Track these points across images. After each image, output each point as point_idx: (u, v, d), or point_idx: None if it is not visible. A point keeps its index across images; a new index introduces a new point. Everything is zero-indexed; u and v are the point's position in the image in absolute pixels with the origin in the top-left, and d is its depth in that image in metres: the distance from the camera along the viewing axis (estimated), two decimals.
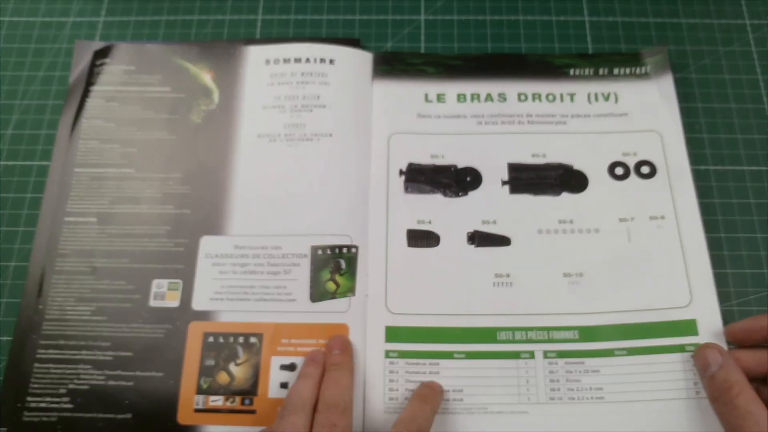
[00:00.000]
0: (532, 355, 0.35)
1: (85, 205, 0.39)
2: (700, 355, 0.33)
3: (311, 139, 0.41)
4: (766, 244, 0.39)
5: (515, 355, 0.35)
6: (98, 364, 0.35)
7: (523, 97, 0.42)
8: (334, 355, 0.34)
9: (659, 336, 0.35)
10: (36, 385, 0.35)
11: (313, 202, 0.39)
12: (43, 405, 0.35)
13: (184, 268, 0.38)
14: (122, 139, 0.41)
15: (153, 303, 0.37)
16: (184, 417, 0.34)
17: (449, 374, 0.35)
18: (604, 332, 0.35)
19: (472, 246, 0.38)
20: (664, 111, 0.41)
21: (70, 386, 0.35)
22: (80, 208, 0.39)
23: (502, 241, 0.38)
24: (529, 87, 0.42)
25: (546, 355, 0.35)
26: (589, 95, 0.42)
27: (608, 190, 0.39)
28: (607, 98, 0.42)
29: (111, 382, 0.35)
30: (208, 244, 0.38)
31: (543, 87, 0.42)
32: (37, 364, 0.36)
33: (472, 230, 0.38)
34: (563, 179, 0.39)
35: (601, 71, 0.43)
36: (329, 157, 0.40)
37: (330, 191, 0.39)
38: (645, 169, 0.39)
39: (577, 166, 0.39)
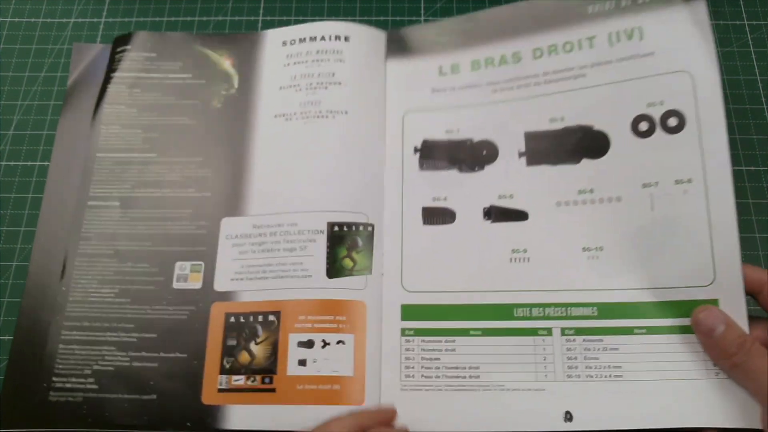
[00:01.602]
0: (549, 332, 0.34)
1: (107, 189, 0.40)
2: (702, 318, 0.31)
3: (326, 116, 0.40)
4: (765, 245, 0.39)
5: (532, 332, 0.34)
6: (122, 346, 0.36)
7: (538, 54, 0.39)
8: None
9: (678, 316, 0.33)
10: (61, 366, 0.36)
11: (329, 180, 0.39)
12: (68, 385, 0.36)
13: (205, 250, 0.38)
14: (144, 125, 0.42)
15: (176, 285, 0.38)
16: (208, 397, 0.35)
17: (465, 351, 0.35)
18: (624, 310, 0.34)
19: (489, 222, 0.37)
20: (697, 44, 0.36)
21: (95, 367, 0.36)
22: (103, 192, 0.40)
23: (519, 215, 0.37)
24: (545, 39, 0.39)
25: (564, 332, 0.34)
26: (610, 36, 0.38)
27: (631, 150, 0.36)
28: (630, 36, 0.38)
29: (135, 364, 0.36)
30: (228, 225, 0.39)
31: (559, 36, 0.39)
32: (61, 345, 0.37)
33: (488, 205, 0.37)
34: (583, 144, 0.37)
35: (623, 2, 0.38)
36: (345, 134, 0.40)
37: (345, 169, 0.39)
38: (672, 122, 0.35)
39: (597, 126, 0.37)
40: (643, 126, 0.36)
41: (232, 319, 0.37)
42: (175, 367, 0.36)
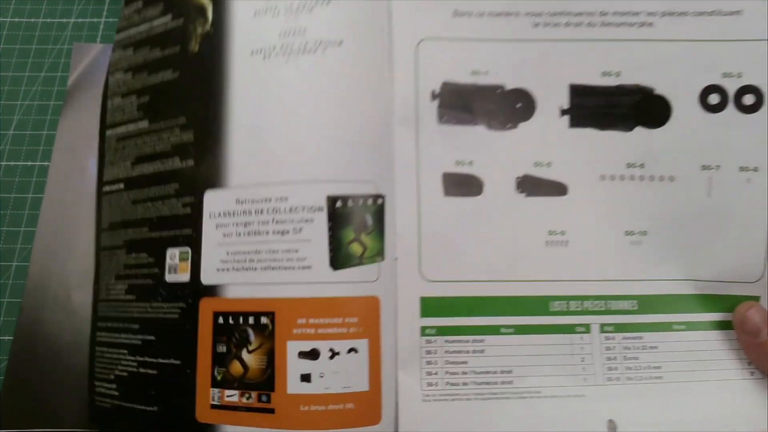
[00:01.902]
0: (587, 328, 0.30)
1: (115, 171, 0.35)
2: (749, 315, 0.29)
3: (314, 50, 0.30)
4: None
5: (569, 329, 0.30)
6: (132, 350, 0.32)
7: None
8: None
9: (717, 311, 0.30)
10: (98, 369, 0.33)
11: (324, 138, 0.30)
12: (102, 390, 0.33)
13: (191, 234, 0.30)
14: (137, 88, 0.35)
15: (168, 277, 0.31)
16: (201, 414, 0.29)
17: (496, 353, 0.30)
18: (664, 303, 0.30)
19: (522, 195, 0.31)
20: None
21: (116, 372, 0.32)
22: (112, 175, 0.35)
23: (557, 189, 0.31)
24: None
25: (602, 328, 0.30)
26: None
27: (695, 125, 0.30)
28: None
29: (141, 370, 0.31)
30: (211, 200, 0.30)
31: None
32: (97, 347, 0.34)
33: (521, 174, 0.31)
34: (639, 108, 0.31)
35: None
36: (340, 74, 0.30)
37: (344, 122, 0.30)
38: (748, 99, 0.30)
39: (659, 90, 0.31)
40: (714, 99, 0.31)
41: (221, 320, 0.29)
42: (171, 376, 0.30)
